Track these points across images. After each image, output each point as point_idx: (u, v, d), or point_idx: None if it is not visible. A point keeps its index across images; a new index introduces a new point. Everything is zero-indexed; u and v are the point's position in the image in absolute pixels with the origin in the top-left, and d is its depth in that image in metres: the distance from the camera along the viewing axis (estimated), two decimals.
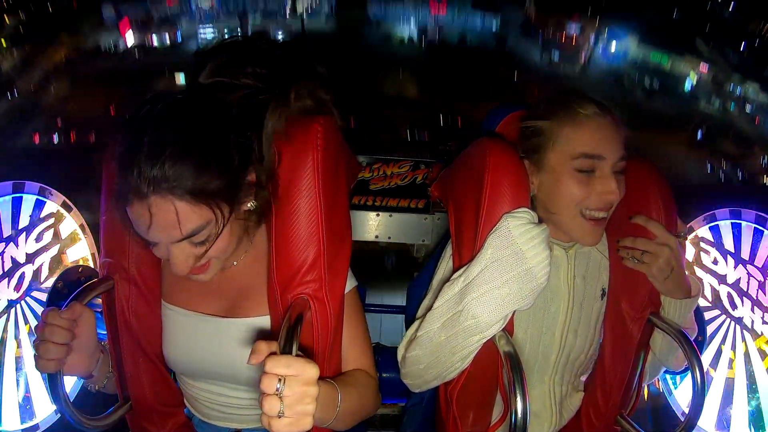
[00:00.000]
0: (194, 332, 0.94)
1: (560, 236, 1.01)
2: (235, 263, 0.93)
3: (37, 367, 0.82)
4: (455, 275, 0.89)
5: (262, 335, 0.89)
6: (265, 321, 0.91)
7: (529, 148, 0.97)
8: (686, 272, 0.99)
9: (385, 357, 1.00)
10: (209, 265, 0.83)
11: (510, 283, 0.82)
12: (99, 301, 0.93)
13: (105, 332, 0.96)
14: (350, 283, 0.94)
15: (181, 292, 0.96)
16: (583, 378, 1.10)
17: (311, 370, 0.64)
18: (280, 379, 0.61)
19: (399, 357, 0.98)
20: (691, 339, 0.92)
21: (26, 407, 1.26)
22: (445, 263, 1.00)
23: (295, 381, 0.62)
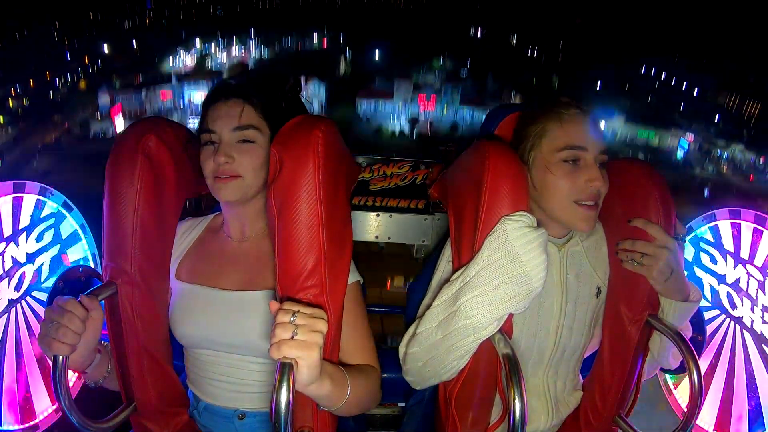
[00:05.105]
0: (212, 306, 1.01)
1: (555, 232, 1.06)
2: (251, 236, 1.06)
3: (51, 348, 0.85)
4: (453, 276, 0.92)
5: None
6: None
7: (522, 150, 1.04)
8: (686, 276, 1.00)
9: (385, 357, 1.02)
10: (236, 179, 0.98)
11: (505, 286, 0.85)
12: None
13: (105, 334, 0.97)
14: (352, 277, 0.99)
15: (199, 271, 1.07)
16: (581, 380, 1.11)
17: (321, 313, 0.79)
18: (294, 313, 0.75)
19: (400, 354, 1.01)
20: (689, 341, 0.93)
21: (26, 407, 1.27)
22: (444, 264, 1.03)
23: (307, 315, 0.77)
